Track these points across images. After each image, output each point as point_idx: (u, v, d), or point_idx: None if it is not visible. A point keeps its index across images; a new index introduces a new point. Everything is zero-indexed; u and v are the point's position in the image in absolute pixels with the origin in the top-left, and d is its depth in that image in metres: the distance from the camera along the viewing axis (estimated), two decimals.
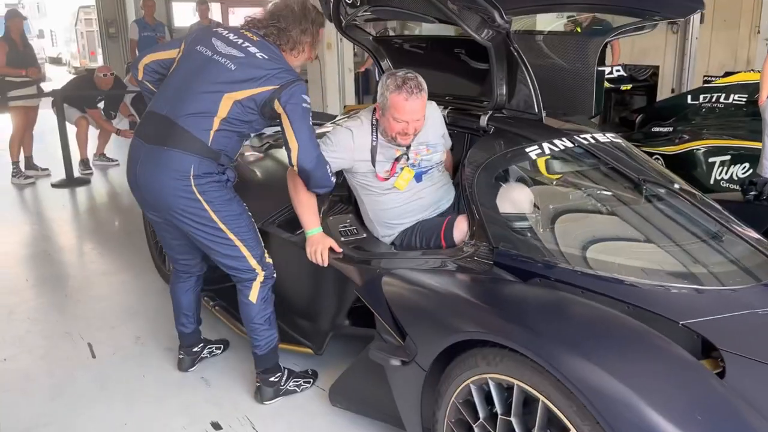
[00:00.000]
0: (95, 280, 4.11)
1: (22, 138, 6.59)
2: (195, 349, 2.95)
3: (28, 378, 2.90)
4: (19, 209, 5.95)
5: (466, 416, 1.76)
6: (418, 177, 2.68)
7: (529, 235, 2.26)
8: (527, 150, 2.41)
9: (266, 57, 2.42)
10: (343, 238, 2.73)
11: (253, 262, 2.56)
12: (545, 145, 2.43)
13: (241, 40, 2.46)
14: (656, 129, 5.82)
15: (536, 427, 1.55)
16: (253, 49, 2.43)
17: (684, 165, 5.22)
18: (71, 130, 6.65)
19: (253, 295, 2.59)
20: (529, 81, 2.49)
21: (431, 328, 1.86)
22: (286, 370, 2.74)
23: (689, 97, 5.75)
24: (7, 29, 6.36)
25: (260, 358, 2.66)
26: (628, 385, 1.40)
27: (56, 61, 22.74)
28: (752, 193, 2.75)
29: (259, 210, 2.87)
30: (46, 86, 7.34)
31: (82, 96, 6.72)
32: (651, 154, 5.48)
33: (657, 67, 6.53)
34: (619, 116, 6.64)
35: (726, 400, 1.46)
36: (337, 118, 3.68)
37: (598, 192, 2.47)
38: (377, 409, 2.30)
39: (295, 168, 2.45)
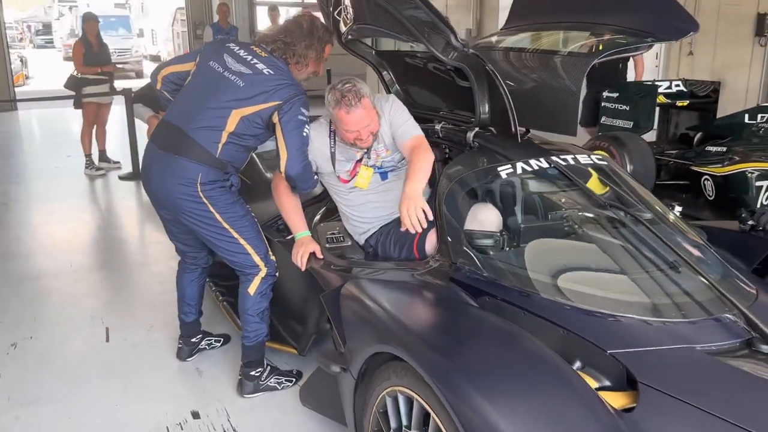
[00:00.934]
0: (132, 270, 4.41)
1: (92, 132, 7.08)
2: (193, 340, 3.13)
3: (44, 357, 3.17)
4: (84, 199, 6.41)
5: (382, 426, 1.82)
6: (384, 175, 2.74)
7: (485, 253, 2.28)
8: (499, 169, 2.42)
9: (272, 72, 2.57)
10: (328, 245, 2.82)
11: (257, 258, 2.72)
12: (519, 164, 2.43)
13: (250, 57, 2.62)
14: (710, 148, 5.58)
15: None
16: (260, 66, 2.58)
17: (732, 187, 5.00)
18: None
19: (252, 288, 2.75)
20: (505, 99, 2.51)
21: (360, 338, 1.93)
22: (269, 367, 2.86)
23: (747, 116, 5.48)
24: (84, 31, 6.87)
25: (247, 349, 2.80)
26: (498, 414, 1.42)
27: (155, 58, 24.02)
28: (749, 222, 2.63)
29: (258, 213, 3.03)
30: (139, 83, 7.86)
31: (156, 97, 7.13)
32: (700, 174, 5.30)
33: (718, 83, 6.23)
34: (681, 133, 6.42)
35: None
36: None
37: (561, 214, 2.45)
38: (336, 412, 2.39)
39: (283, 174, 2.59)
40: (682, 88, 6.22)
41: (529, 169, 2.43)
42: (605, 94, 6.20)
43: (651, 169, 5.43)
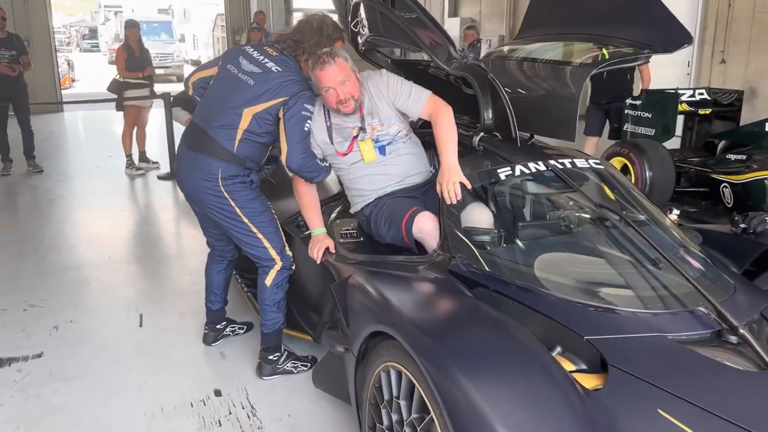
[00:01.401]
0: (166, 262, 4.70)
1: (132, 134, 7.44)
2: (218, 326, 3.37)
3: (83, 339, 3.45)
4: (124, 196, 6.76)
5: (377, 398, 2.02)
6: (382, 150, 2.87)
7: (482, 248, 2.46)
8: (498, 170, 2.60)
9: (279, 69, 2.79)
10: (342, 240, 3.03)
11: (273, 253, 2.94)
12: (518, 167, 2.61)
13: (262, 57, 2.85)
14: (730, 156, 5.65)
15: (413, 410, 1.80)
16: (270, 64, 2.82)
17: (749, 194, 5.07)
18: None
19: (269, 280, 2.98)
20: (506, 106, 2.69)
21: (361, 320, 2.14)
22: (286, 352, 3.08)
23: (767, 124, 5.53)
24: (126, 37, 7.24)
25: (265, 336, 3.03)
26: (474, 388, 1.61)
27: (196, 63, 24.65)
28: (741, 226, 2.76)
29: (282, 210, 3.28)
30: (180, 87, 8.23)
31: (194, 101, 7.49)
32: (719, 182, 5.37)
33: (741, 92, 6.28)
34: (706, 140, 6.47)
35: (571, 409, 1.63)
36: None
37: (555, 214, 2.61)
38: (344, 392, 2.59)
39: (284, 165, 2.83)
40: (705, 96, 6.29)
41: (527, 171, 2.60)
42: (629, 101, 6.30)
43: (670, 175, 5.51)
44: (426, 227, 2.57)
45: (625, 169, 5.74)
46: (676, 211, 2.93)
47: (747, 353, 1.95)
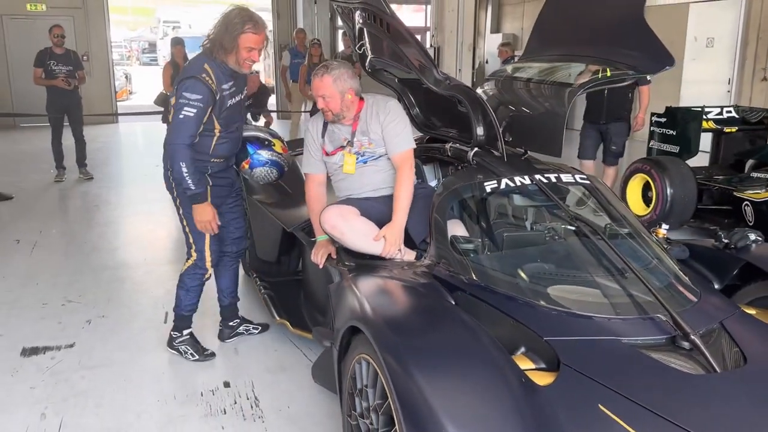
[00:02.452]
0: None
1: None
2: (231, 323, 3.63)
3: (112, 332, 3.75)
4: (165, 203, 7.04)
5: (352, 387, 2.22)
6: (364, 161, 3.09)
7: (460, 256, 2.64)
8: (485, 183, 2.78)
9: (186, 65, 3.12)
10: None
11: (193, 246, 3.29)
12: (504, 180, 2.78)
13: None
14: (754, 174, 5.66)
15: (376, 396, 1.99)
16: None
17: None
18: None
19: (184, 268, 3.36)
20: (494, 123, 2.86)
21: (343, 317, 2.35)
22: (188, 337, 3.45)
23: None
24: (172, 54, 7.67)
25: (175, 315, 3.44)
26: (428, 384, 1.78)
27: None
28: (724, 241, 2.85)
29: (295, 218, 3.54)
30: None
31: None
32: (741, 200, 5.37)
33: None
34: (735, 158, 6.44)
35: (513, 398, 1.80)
36: None
37: (535, 225, 2.77)
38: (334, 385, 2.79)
39: None
40: (733, 114, 6.27)
41: (513, 185, 2.77)
42: (654, 118, 6.34)
43: (692, 193, 5.54)
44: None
45: (647, 186, 5.80)
46: (665, 226, 3.03)
47: (698, 359, 2.07)
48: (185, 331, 3.44)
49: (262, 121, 8.74)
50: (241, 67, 3.03)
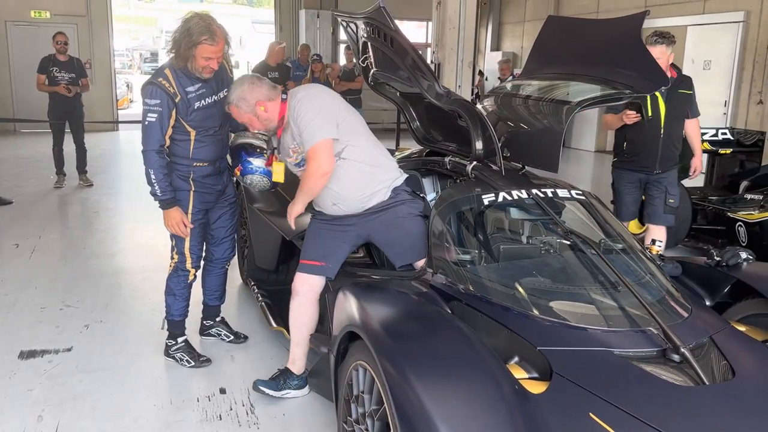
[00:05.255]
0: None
1: None
2: (206, 323, 3.75)
3: (110, 337, 3.78)
4: None
5: (349, 393, 2.26)
6: (300, 163, 2.95)
7: (456, 267, 2.68)
8: (483, 196, 2.83)
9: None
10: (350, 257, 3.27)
11: (175, 249, 3.36)
12: (501, 194, 2.83)
13: None
14: (748, 195, 5.73)
15: (372, 402, 2.03)
16: None
17: (764, 234, 5.13)
18: None
19: (168, 269, 3.45)
20: (493, 138, 2.93)
21: (340, 323, 2.39)
22: (184, 344, 3.49)
23: None
24: None
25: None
26: (424, 389, 1.81)
27: None
28: (716, 258, 2.90)
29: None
30: None
31: None
32: (735, 220, 5.44)
33: (764, 133, 6.34)
34: (730, 179, 6.52)
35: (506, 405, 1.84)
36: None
37: (531, 238, 2.82)
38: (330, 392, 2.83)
39: None
40: (728, 136, 6.37)
41: (510, 198, 2.82)
42: None
43: (687, 213, 5.62)
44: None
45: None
46: (659, 243, 3.08)
47: (688, 371, 2.12)
48: (180, 339, 3.48)
49: None
50: (201, 74, 3.06)
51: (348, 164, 2.85)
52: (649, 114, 4.23)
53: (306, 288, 2.94)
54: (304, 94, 2.88)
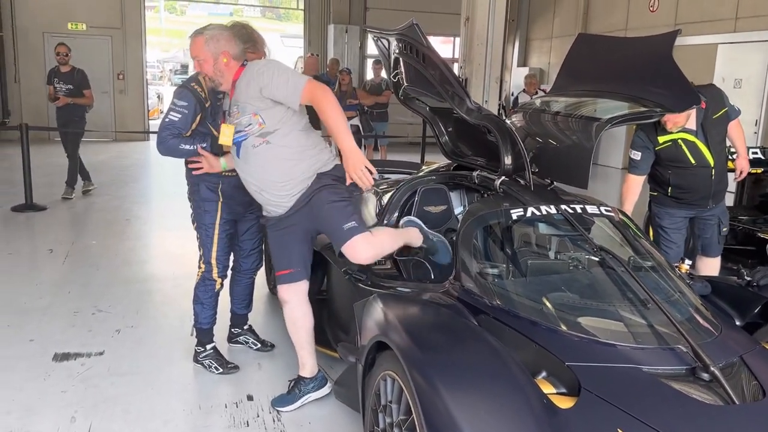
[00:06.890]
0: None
1: None
2: (233, 330, 3.83)
3: (140, 341, 3.86)
4: None
5: (377, 403, 2.28)
6: (237, 151, 2.90)
7: (484, 281, 2.70)
8: (511, 211, 2.85)
9: None
10: (374, 266, 3.31)
11: (202, 258, 3.46)
12: (530, 209, 2.85)
13: None
14: None
15: (400, 412, 2.05)
16: None
17: None
18: None
19: (196, 278, 3.54)
20: (522, 153, 2.95)
21: (369, 333, 2.42)
22: (212, 351, 3.55)
23: None
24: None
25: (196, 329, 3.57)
26: (453, 400, 1.84)
27: None
28: (746, 278, 2.88)
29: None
30: None
31: None
32: (765, 241, 5.38)
33: None
34: (760, 200, 6.44)
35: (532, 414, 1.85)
36: (418, 172, 4.28)
37: (560, 254, 2.83)
38: (357, 402, 2.85)
39: None
40: (759, 155, 6.29)
41: (538, 214, 2.84)
42: None
43: None
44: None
45: None
46: (688, 261, 3.07)
47: (718, 390, 2.11)
48: (208, 346, 3.54)
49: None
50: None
51: (272, 150, 2.85)
52: (692, 162, 3.76)
53: (290, 295, 3.06)
54: (268, 60, 2.99)
